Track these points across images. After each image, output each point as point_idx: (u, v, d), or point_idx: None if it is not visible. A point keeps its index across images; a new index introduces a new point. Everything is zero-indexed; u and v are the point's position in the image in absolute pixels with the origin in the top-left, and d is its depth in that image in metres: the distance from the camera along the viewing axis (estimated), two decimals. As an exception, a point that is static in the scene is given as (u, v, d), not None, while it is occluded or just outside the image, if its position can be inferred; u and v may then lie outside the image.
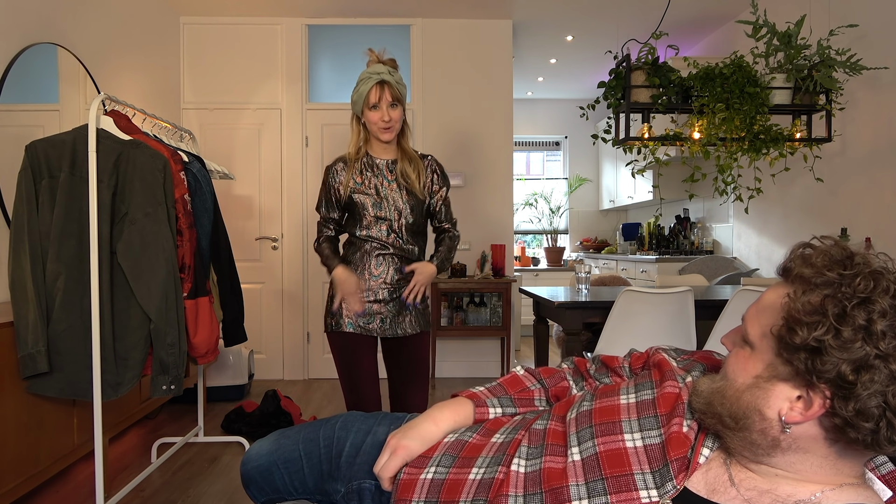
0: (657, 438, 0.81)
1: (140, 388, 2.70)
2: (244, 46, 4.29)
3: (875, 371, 0.63)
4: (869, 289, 0.65)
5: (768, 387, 0.71)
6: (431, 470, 0.96)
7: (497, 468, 0.89)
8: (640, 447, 0.81)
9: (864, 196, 3.11)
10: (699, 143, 2.95)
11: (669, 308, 2.53)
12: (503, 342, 4.38)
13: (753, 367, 0.73)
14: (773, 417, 0.71)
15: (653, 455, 0.80)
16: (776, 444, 0.71)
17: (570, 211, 6.76)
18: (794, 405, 0.69)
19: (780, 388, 0.70)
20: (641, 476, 0.78)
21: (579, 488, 0.80)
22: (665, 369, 0.91)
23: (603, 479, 0.79)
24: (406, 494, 0.94)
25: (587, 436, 0.85)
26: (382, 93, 1.85)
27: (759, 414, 0.71)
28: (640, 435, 0.82)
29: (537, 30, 4.55)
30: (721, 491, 0.75)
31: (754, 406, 0.72)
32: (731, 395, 0.74)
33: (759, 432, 0.72)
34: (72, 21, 2.89)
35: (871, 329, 0.64)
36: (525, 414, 1.03)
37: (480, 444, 0.97)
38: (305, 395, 3.86)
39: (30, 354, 1.91)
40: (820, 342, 0.65)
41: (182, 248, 2.12)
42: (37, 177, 1.96)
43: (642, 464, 0.79)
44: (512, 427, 0.98)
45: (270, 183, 4.32)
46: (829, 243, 0.73)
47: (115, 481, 2.47)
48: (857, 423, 0.64)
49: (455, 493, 0.90)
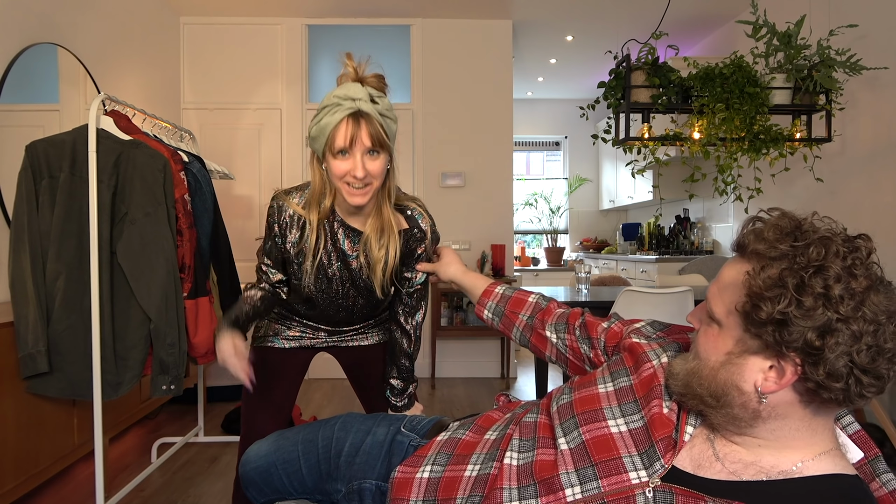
0: (640, 422, 0.83)
1: (140, 388, 2.70)
2: (244, 46, 4.29)
3: (839, 334, 0.66)
4: (821, 256, 0.68)
5: (741, 362, 0.73)
6: (427, 468, 0.97)
7: (492, 464, 0.90)
8: (624, 432, 0.83)
9: (864, 196, 3.11)
10: (699, 143, 2.95)
11: (669, 308, 2.53)
12: (503, 342, 4.38)
13: (724, 344, 0.75)
14: (750, 391, 0.73)
15: (638, 438, 0.82)
16: (757, 415, 0.74)
17: (570, 211, 6.76)
18: (768, 375, 0.71)
19: (753, 361, 0.72)
20: (630, 458, 0.80)
21: (570, 476, 0.82)
22: (638, 353, 0.93)
23: (593, 465, 0.81)
24: (403, 493, 0.94)
25: (572, 426, 0.87)
26: (357, 131, 1.20)
27: (737, 389, 0.74)
28: (623, 420, 0.84)
29: (537, 30, 4.55)
30: (706, 466, 0.77)
31: (731, 382, 0.74)
32: (707, 375, 0.76)
33: (740, 406, 0.74)
34: (72, 21, 2.89)
35: (830, 294, 0.66)
36: (514, 410, 1.05)
37: (474, 441, 0.98)
38: (305, 395, 3.86)
39: (30, 354, 1.92)
40: (784, 314, 0.67)
41: (182, 248, 2.12)
42: (37, 177, 1.96)
43: (629, 447, 0.81)
44: (503, 424, 1.00)
45: (270, 183, 4.32)
46: (776, 214, 0.76)
47: (115, 481, 2.47)
48: (829, 384, 0.67)
49: (452, 490, 0.91)
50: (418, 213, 1.40)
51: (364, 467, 1.09)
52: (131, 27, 3.51)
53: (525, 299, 1.25)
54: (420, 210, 1.41)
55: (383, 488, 1.05)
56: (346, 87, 1.22)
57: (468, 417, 1.11)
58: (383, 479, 1.06)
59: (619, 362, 0.95)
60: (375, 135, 1.21)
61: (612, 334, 1.07)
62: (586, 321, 1.13)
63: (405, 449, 1.10)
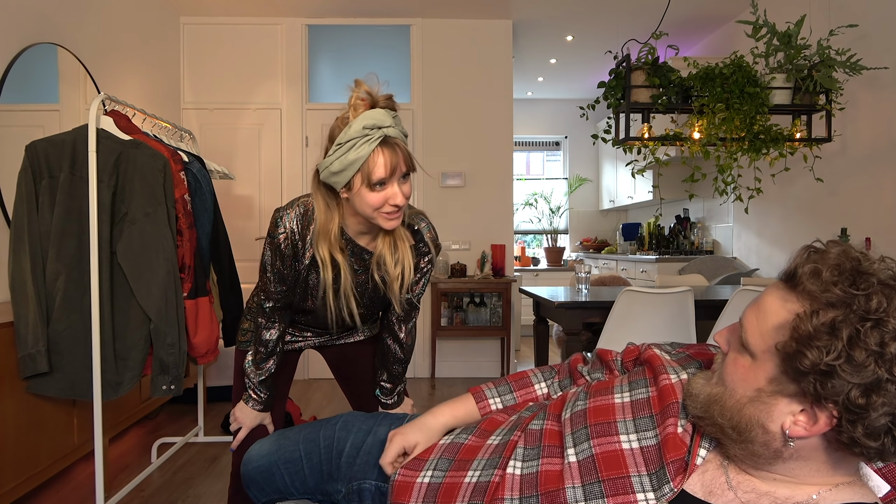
0: (653, 440, 0.80)
1: (140, 388, 2.70)
2: (244, 46, 4.29)
3: (886, 393, 0.62)
4: (882, 308, 0.63)
5: (771, 401, 0.70)
6: (428, 474, 0.95)
7: (493, 471, 0.88)
8: (636, 449, 0.80)
9: (864, 196, 3.11)
10: (699, 143, 2.95)
11: (669, 308, 2.53)
12: (503, 342, 4.38)
13: (755, 379, 0.71)
14: (776, 431, 0.69)
15: (649, 457, 0.79)
16: (778, 455, 0.71)
17: (570, 211, 6.76)
18: (798, 419, 0.68)
19: (784, 403, 0.69)
20: (638, 478, 0.77)
21: (576, 490, 0.79)
22: (656, 365, 0.90)
23: (600, 481, 0.79)
24: (402, 498, 0.94)
25: (583, 437, 0.84)
26: (396, 160, 1.17)
27: (762, 427, 0.70)
28: (636, 436, 0.82)
29: (537, 30, 4.55)
30: (718, 493, 0.75)
31: (757, 420, 0.70)
32: (731, 406, 0.73)
33: (762, 444, 0.71)
34: (72, 21, 2.89)
35: (885, 352, 0.61)
36: (521, 412, 1.02)
37: (476, 446, 0.96)
38: (305, 395, 3.86)
39: (30, 354, 1.91)
40: (831, 366, 0.62)
41: (182, 248, 2.12)
42: (37, 177, 1.96)
43: (639, 466, 0.79)
44: (508, 427, 0.97)
45: (270, 183, 4.32)
46: (836, 251, 0.69)
47: (115, 481, 2.47)
48: (864, 442, 0.64)
49: (451, 496, 0.89)
50: (423, 226, 1.39)
51: (364, 467, 1.08)
52: (131, 27, 3.51)
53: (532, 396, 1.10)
54: (424, 224, 1.40)
55: (383, 489, 1.05)
56: (368, 116, 1.15)
57: None
58: (383, 480, 1.05)
59: (639, 373, 0.93)
60: (408, 159, 1.19)
61: (629, 352, 1.04)
62: (597, 352, 1.08)
63: None
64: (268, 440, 1.22)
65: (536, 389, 1.10)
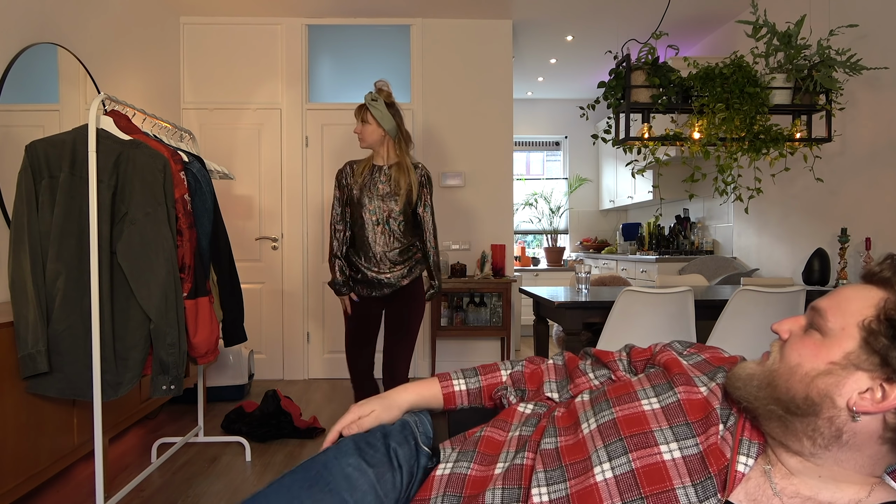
0: (694, 448, 0.78)
1: (140, 388, 2.70)
2: (244, 46, 4.29)
3: None
4: None
5: (844, 374, 0.71)
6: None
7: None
8: (678, 458, 0.77)
9: (864, 196, 3.11)
10: (699, 143, 2.95)
11: (669, 308, 2.53)
12: (503, 342, 4.38)
13: (828, 353, 0.73)
14: (843, 406, 0.71)
15: (693, 467, 0.77)
16: (838, 434, 0.72)
17: (570, 211, 6.76)
18: (864, 395, 0.70)
19: (856, 378, 0.71)
20: (683, 490, 0.75)
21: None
22: (676, 371, 0.88)
23: (642, 497, 0.75)
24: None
25: (619, 450, 0.80)
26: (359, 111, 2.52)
27: (831, 400, 0.71)
28: (677, 445, 0.79)
29: (537, 30, 4.55)
30: (764, 501, 0.74)
31: (827, 392, 0.72)
32: (798, 380, 0.74)
33: (826, 420, 0.72)
34: (72, 21, 2.89)
35: None
36: (514, 422, 0.96)
37: (484, 477, 0.88)
38: (305, 395, 3.86)
39: (30, 354, 1.91)
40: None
41: (182, 248, 2.12)
42: (37, 177, 1.96)
43: (682, 477, 0.76)
44: (513, 450, 0.89)
45: (270, 183, 4.32)
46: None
47: (115, 481, 2.47)
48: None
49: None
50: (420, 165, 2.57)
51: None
52: (131, 27, 3.51)
53: (497, 381, 1.09)
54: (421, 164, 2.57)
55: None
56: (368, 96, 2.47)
57: (461, 435, 0.99)
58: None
59: (659, 375, 0.90)
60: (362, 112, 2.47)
61: (637, 352, 1.01)
62: (594, 353, 1.06)
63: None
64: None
65: (502, 374, 1.09)
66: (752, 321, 2.51)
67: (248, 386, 3.88)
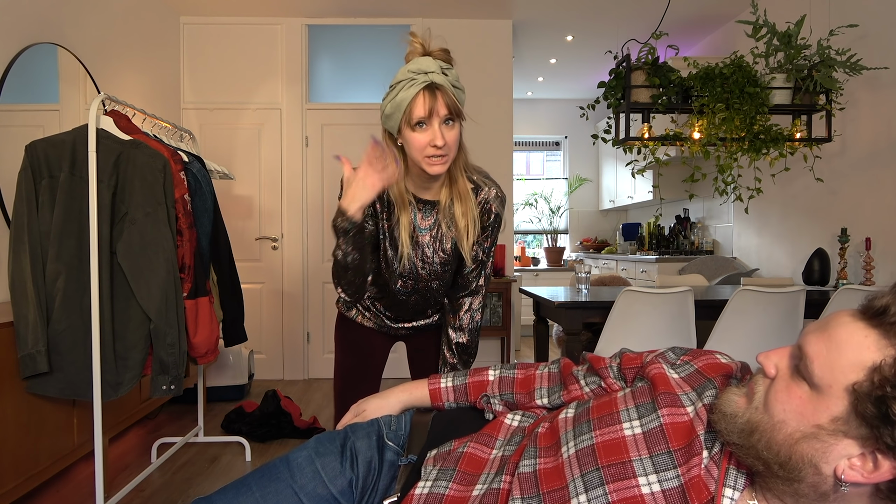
0: (675, 481, 0.73)
1: (140, 388, 2.70)
2: (244, 46, 4.29)
3: None
4: None
5: (831, 441, 0.64)
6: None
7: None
8: (657, 492, 0.73)
9: (864, 196, 3.11)
10: (699, 143, 2.95)
11: (669, 308, 2.53)
12: (503, 342, 4.38)
13: (814, 414, 0.65)
14: (829, 473, 0.64)
15: (672, 501, 0.72)
16: (825, 498, 0.66)
17: (570, 211, 6.76)
18: (853, 463, 0.63)
19: (844, 445, 0.63)
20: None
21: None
22: (663, 390, 0.83)
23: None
24: None
25: (595, 481, 0.76)
26: (434, 103, 1.22)
27: (815, 468, 0.65)
28: (656, 477, 0.74)
29: (537, 30, 4.55)
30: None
31: (810, 459, 0.65)
32: (780, 441, 0.67)
33: (810, 486, 0.66)
34: (72, 21, 2.89)
35: None
36: (498, 437, 0.93)
37: (462, 498, 0.84)
38: (305, 396, 3.86)
39: (30, 354, 1.91)
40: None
41: (182, 248, 2.12)
42: (37, 177, 1.96)
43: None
44: (494, 470, 0.86)
45: (270, 183, 4.32)
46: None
47: (115, 481, 2.47)
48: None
49: None
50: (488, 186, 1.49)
51: None
52: (131, 27, 3.51)
53: (484, 380, 1.07)
54: (488, 184, 1.50)
55: None
56: (417, 62, 1.24)
57: (445, 448, 0.95)
58: None
59: (645, 392, 0.85)
60: (451, 104, 1.24)
61: (628, 359, 0.97)
62: (588, 358, 1.03)
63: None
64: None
65: (489, 375, 1.08)
66: (752, 321, 2.51)
67: (248, 386, 3.88)
